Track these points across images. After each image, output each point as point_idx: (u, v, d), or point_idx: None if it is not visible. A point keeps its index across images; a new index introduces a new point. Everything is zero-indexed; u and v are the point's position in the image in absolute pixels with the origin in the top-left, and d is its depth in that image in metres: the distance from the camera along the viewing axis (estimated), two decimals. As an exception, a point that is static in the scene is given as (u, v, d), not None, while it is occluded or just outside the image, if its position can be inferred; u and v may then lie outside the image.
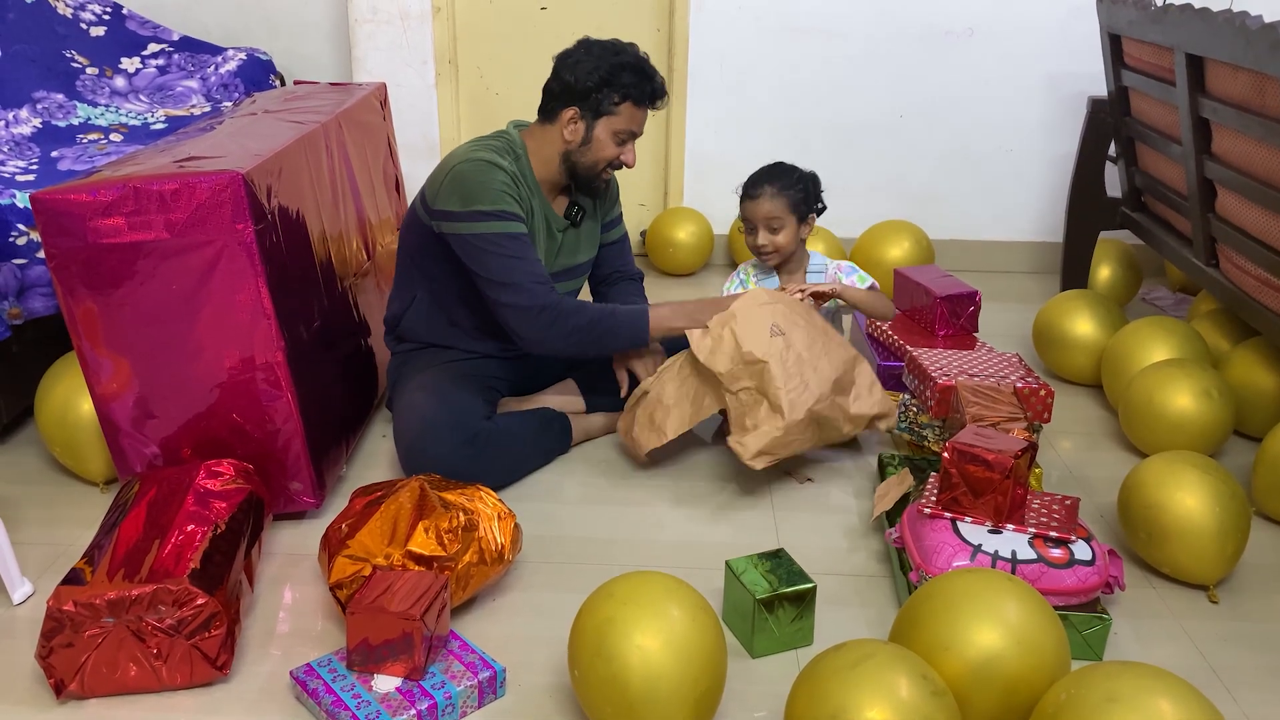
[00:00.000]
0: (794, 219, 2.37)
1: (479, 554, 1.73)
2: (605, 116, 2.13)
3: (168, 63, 3.19)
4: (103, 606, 1.53)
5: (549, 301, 2.10)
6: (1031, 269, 3.73)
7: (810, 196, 2.40)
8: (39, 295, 2.24)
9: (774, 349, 2.06)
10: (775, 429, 2.02)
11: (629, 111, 2.14)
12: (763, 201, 2.36)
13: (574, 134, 2.15)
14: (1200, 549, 1.82)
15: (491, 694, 1.59)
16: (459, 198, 2.09)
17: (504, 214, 2.08)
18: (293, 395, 1.94)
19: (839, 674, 1.32)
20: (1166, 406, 2.24)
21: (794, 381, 2.04)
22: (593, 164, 2.18)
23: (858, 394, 2.16)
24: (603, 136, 2.15)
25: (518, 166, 2.16)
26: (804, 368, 2.07)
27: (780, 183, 2.36)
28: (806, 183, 2.40)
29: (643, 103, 2.14)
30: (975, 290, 2.61)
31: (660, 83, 2.16)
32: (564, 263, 2.30)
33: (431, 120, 3.58)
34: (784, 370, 2.04)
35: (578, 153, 2.17)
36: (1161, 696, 1.23)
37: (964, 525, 1.77)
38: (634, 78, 2.11)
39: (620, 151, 2.18)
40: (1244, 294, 2.36)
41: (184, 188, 1.79)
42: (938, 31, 3.47)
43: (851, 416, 2.14)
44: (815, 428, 2.08)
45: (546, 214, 2.23)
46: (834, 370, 2.11)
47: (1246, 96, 2.16)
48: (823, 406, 2.07)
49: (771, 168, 2.41)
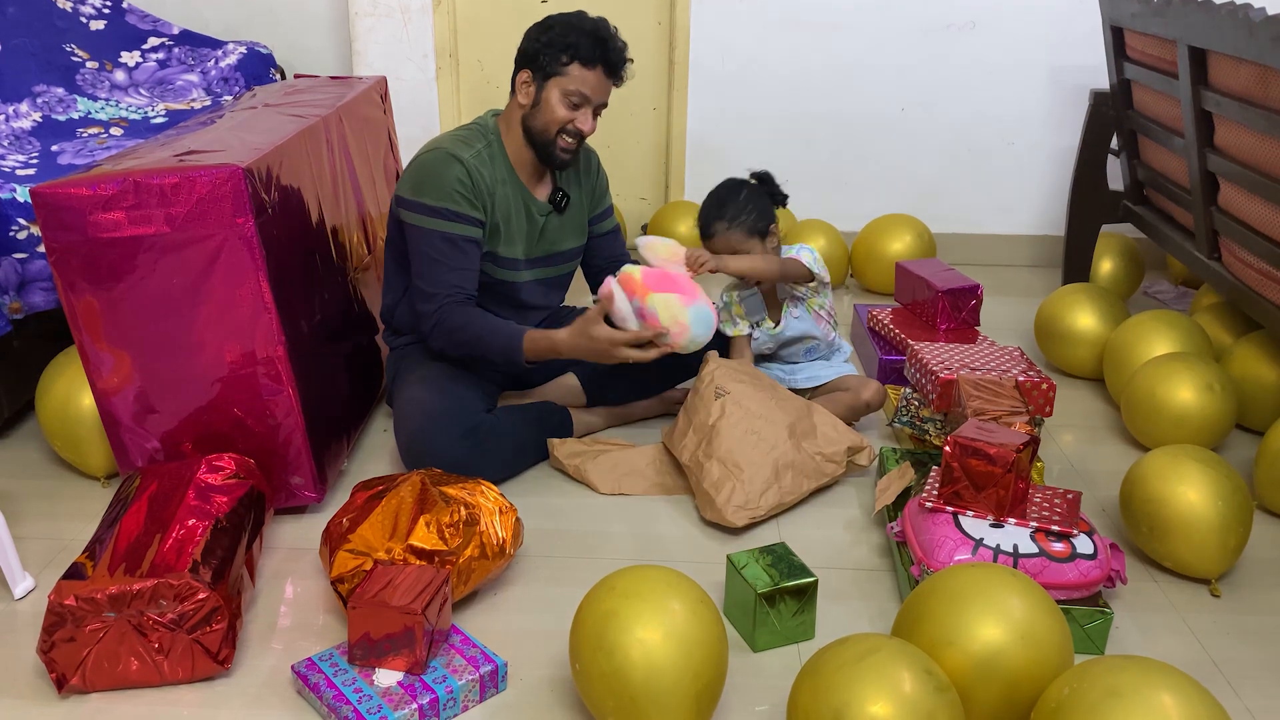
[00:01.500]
0: (755, 240, 2.32)
1: (480, 548, 1.73)
2: (554, 77, 2.11)
3: (168, 56, 3.18)
4: (104, 601, 1.53)
5: (442, 316, 2.11)
6: (1033, 262, 3.73)
7: (763, 212, 2.33)
8: (39, 290, 2.24)
9: (716, 410, 2.09)
10: (737, 483, 2.00)
11: (578, 72, 2.10)
12: (719, 240, 2.31)
13: (526, 96, 2.14)
14: (1202, 543, 1.82)
15: (493, 688, 1.59)
16: (411, 185, 2.12)
17: (446, 212, 2.08)
18: (294, 389, 1.93)
19: (842, 668, 1.32)
20: (1168, 400, 2.23)
21: (740, 430, 2.05)
22: (544, 127, 2.14)
23: (824, 435, 2.13)
24: (552, 98, 2.12)
25: (489, 152, 2.15)
26: (753, 420, 2.08)
27: (729, 214, 2.30)
28: (756, 198, 2.33)
29: (591, 63, 2.09)
30: (977, 284, 2.61)
31: (618, 50, 2.11)
32: (547, 249, 2.29)
33: (432, 114, 3.57)
34: (730, 426, 2.06)
35: (530, 116, 2.15)
36: (1164, 690, 1.22)
37: (966, 519, 1.77)
38: (583, 39, 2.08)
39: (573, 116, 2.13)
40: (1246, 287, 2.35)
41: (184, 182, 1.79)
42: (940, 24, 3.47)
43: (829, 456, 2.11)
44: (792, 475, 2.06)
45: (525, 199, 2.21)
46: (787, 417, 2.11)
47: (1249, 89, 2.15)
48: (785, 452, 2.06)
49: (715, 200, 2.34)
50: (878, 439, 2.39)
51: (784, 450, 2.06)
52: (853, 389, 2.36)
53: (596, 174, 2.36)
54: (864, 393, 2.36)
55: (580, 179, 2.33)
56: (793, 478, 2.06)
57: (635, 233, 3.77)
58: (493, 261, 2.19)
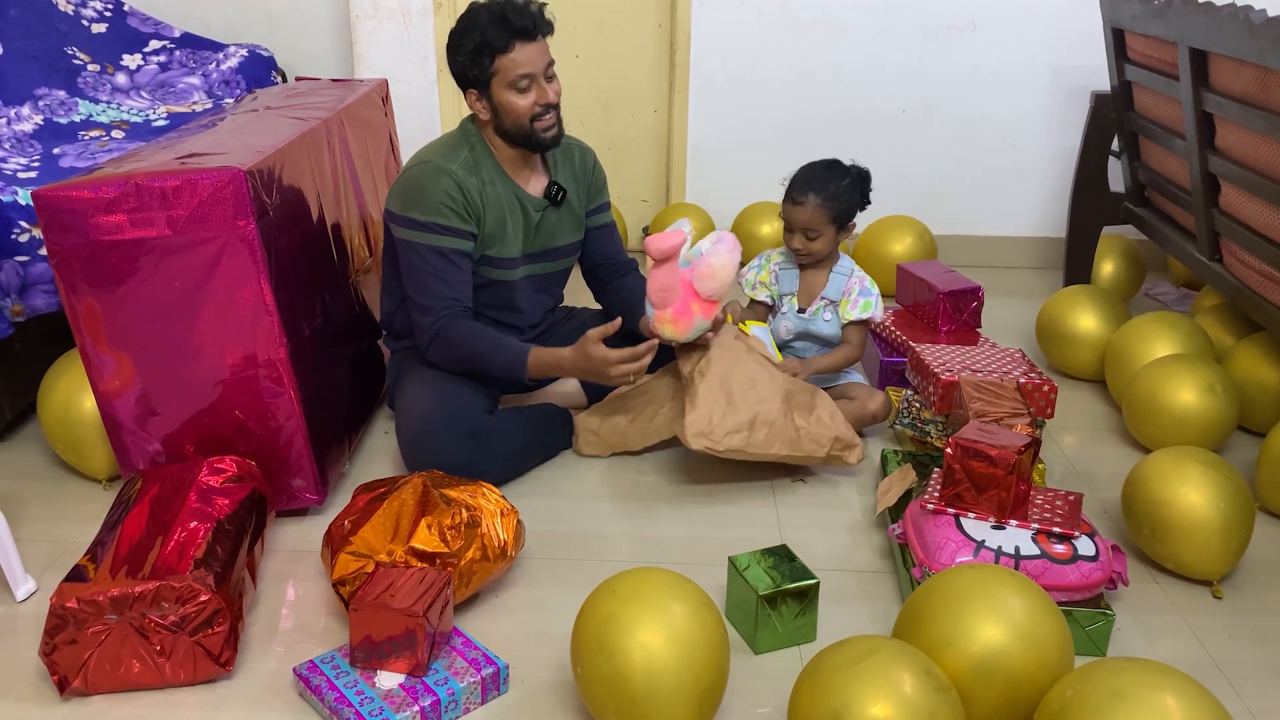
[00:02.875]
0: (833, 229, 2.32)
1: (481, 550, 1.73)
2: (492, 80, 2.07)
3: (169, 59, 3.18)
4: (106, 603, 1.53)
5: (441, 329, 2.11)
6: (1034, 264, 3.73)
7: (853, 206, 2.33)
8: (41, 292, 2.24)
9: (729, 343, 2.14)
10: (713, 412, 2.04)
11: (505, 61, 2.05)
12: (805, 210, 2.29)
13: (485, 110, 2.13)
14: (1204, 544, 1.81)
15: (494, 690, 1.59)
16: (400, 200, 2.11)
17: (437, 226, 2.08)
18: (295, 392, 1.94)
19: (842, 670, 1.32)
20: (1170, 402, 2.23)
21: (740, 368, 2.10)
22: (517, 125, 2.12)
23: (817, 417, 2.14)
24: (505, 98, 2.09)
25: (473, 156, 2.15)
26: (758, 369, 2.11)
27: (826, 193, 2.29)
28: (853, 190, 2.32)
29: (508, 45, 2.04)
30: (978, 285, 2.61)
31: (517, 9, 2.03)
32: (544, 243, 2.28)
33: (433, 116, 3.58)
34: (736, 358, 2.10)
35: (500, 123, 2.13)
36: (1167, 692, 1.22)
37: (967, 521, 1.77)
38: (487, 30, 2.03)
39: (532, 97, 2.09)
40: (1248, 289, 2.35)
41: (186, 184, 1.79)
42: (940, 26, 3.46)
43: (813, 436, 2.11)
44: (767, 432, 2.07)
45: (518, 196, 2.20)
46: (787, 384, 2.13)
47: (1250, 91, 2.15)
48: (771, 411, 2.08)
49: (821, 171, 2.32)
50: (879, 441, 2.39)
51: (771, 408, 2.08)
52: (859, 399, 2.35)
53: (593, 170, 2.35)
54: (870, 403, 2.35)
55: (576, 174, 2.32)
56: (766, 435, 2.07)
57: (636, 234, 3.78)
58: (488, 264, 2.19)
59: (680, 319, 2.06)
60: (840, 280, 2.38)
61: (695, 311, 2.05)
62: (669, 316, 2.06)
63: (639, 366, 2.09)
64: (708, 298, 2.05)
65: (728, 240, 2.04)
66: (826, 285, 2.38)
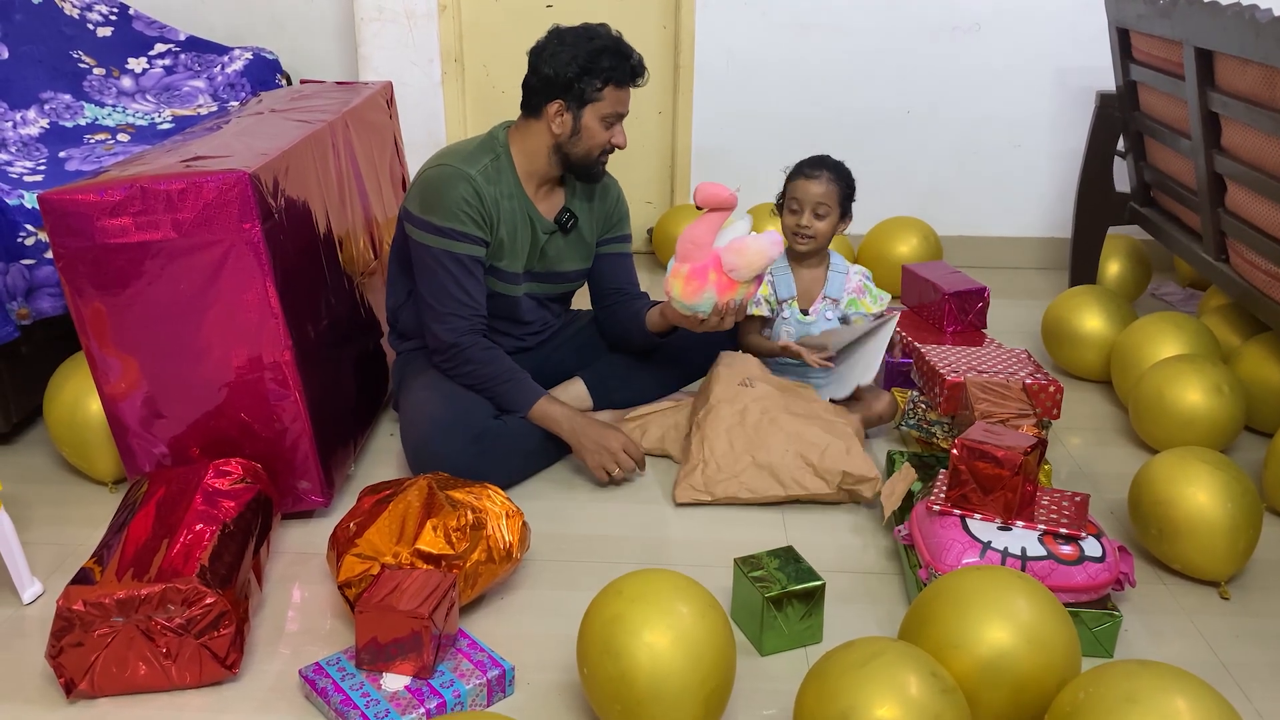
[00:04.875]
0: (838, 212, 2.36)
1: (487, 552, 1.73)
2: (590, 104, 2.11)
3: (174, 63, 3.19)
4: (112, 606, 1.53)
5: (457, 340, 2.13)
6: (1040, 265, 3.72)
7: (854, 194, 2.40)
8: (47, 295, 2.25)
9: (729, 393, 2.17)
10: (704, 466, 2.10)
11: (612, 95, 2.11)
12: (820, 183, 2.33)
13: (562, 126, 2.13)
14: (1211, 545, 1.81)
15: (500, 692, 1.59)
16: (419, 202, 2.11)
17: (454, 232, 2.09)
18: (300, 394, 1.94)
19: (848, 672, 1.32)
20: (1177, 402, 2.23)
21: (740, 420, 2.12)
22: (586, 152, 2.16)
23: (830, 454, 2.08)
24: (591, 124, 2.13)
25: (496, 165, 2.15)
26: (760, 415, 2.13)
27: (837, 171, 2.35)
28: (852, 183, 2.39)
29: (624, 83, 2.12)
30: (983, 286, 2.61)
31: (638, 59, 2.13)
32: (548, 266, 2.28)
33: (438, 118, 3.58)
34: (732, 411, 2.14)
35: (569, 144, 2.15)
36: (1179, 696, 1.22)
37: (973, 522, 1.76)
38: (613, 60, 2.09)
39: (610, 135, 2.16)
40: (1254, 289, 2.35)
41: (191, 187, 1.79)
42: (945, 26, 3.46)
43: (819, 470, 2.07)
44: (765, 476, 2.08)
45: (530, 215, 2.20)
46: (798, 425, 2.12)
47: (1256, 90, 2.14)
48: (766, 455, 2.08)
49: (831, 161, 2.39)
50: (885, 443, 2.39)
51: (770, 452, 2.08)
52: (864, 400, 2.35)
53: (616, 202, 2.35)
54: (876, 404, 2.34)
55: (595, 204, 2.31)
56: (765, 480, 2.08)
57: (640, 237, 3.78)
58: (493, 274, 2.19)
59: (693, 279, 2.02)
60: (839, 278, 2.39)
61: (710, 281, 2.01)
62: (685, 272, 2.02)
63: (628, 467, 2.16)
64: (728, 272, 2.01)
65: (773, 234, 2.03)
66: (826, 284, 2.38)
